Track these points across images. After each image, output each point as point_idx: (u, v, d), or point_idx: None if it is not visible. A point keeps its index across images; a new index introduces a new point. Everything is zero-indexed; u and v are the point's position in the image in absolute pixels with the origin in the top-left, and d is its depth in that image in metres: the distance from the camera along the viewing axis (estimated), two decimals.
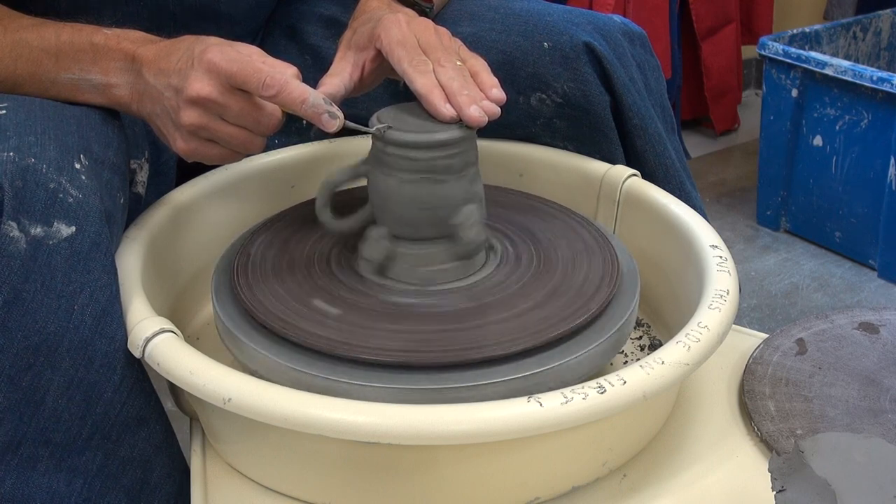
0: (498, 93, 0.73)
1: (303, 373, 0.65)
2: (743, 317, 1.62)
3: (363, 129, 0.71)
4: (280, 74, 0.68)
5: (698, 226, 0.79)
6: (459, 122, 0.71)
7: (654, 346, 0.85)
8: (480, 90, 0.72)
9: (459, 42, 0.77)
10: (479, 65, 0.75)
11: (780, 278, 1.77)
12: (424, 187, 0.71)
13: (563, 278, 0.74)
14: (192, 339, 0.85)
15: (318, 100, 0.69)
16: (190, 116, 0.69)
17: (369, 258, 0.74)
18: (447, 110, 0.71)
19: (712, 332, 0.66)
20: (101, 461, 0.67)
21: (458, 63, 0.73)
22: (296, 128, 0.97)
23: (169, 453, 0.72)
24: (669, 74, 2.09)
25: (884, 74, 1.64)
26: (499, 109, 0.72)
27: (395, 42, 0.74)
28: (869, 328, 0.83)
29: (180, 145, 0.71)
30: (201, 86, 0.68)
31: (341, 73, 0.78)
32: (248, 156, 0.72)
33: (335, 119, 0.69)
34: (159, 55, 0.72)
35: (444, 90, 0.71)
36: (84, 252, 0.64)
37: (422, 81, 0.72)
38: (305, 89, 0.69)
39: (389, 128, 0.70)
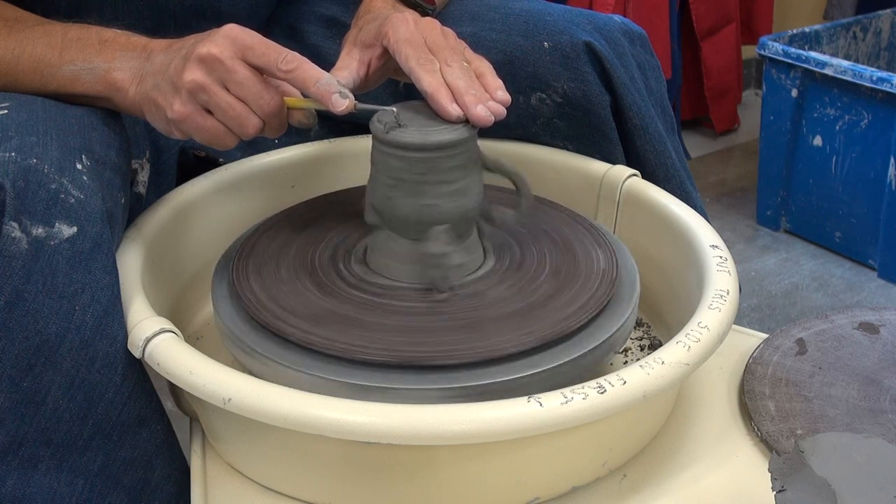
0: (503, 94, 0.73)
1: (302, 373, 0.65)
2: (743, 317, 1.62)
3: (374, 107, 0.71)
4: (298, 56, 0.69)
5: (698, 226, 0.79)
6: (465, 121, 0.71)
7: (654, 346, 0.85)
8: (486, 91, 0.72)
9: (464, 43, 0.77)
10: (485, 66, 0.75)
11: (780, 278, 1.77)
12: (429, 187, 0.71)
13: (562, 278, 0.74)
14: (193, 339, 0.85)
15: (332, 80, 0.70)
16: (193, 73, 0.68)
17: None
18: (454, 109, 0.71)
19: (712, 332, 0.66)
20: (102, 461, 0.67)
21: (465, 64, 0.74)
22: (296, 128, 0.97)
23: (170, 454, 0.72)
24: (669, 74, 2.09)
25: (884, 74, 1.64)
26: (504, 110, 0.72)
27: (402, 40, 0.74)
28: (869, 328, 0.83)
29: (177, 108, 0.69)
30: (213, 46, 0.68)
31: (348, 67, 0.78)
32: (237, 144, 0.72)
33: (345, 99, 0.69)
34: (173, 42, 0.72)
35: (450, 89, 0.71)
36: (85, 252, 0.64)
37: (428, 80, 0.72)
38: (321, 71, 0.70)
39: (398, 116, 0.70)
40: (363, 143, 0.94)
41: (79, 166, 0.66)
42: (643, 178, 0.89)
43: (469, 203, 0.73)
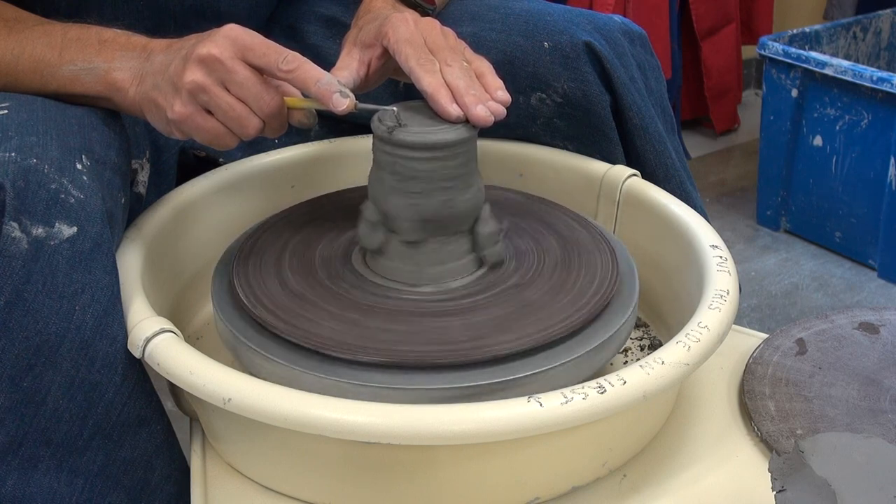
0: (503, 94, 0.73)
1: (302, 373, 0.65)
2: (743, 317, 1.62)
3: (375, 107, 0.71)
4: (298, 56, 0.69)
5: (698, 226, 0.79)
6: (465, 122, 0.71)
7: (654, 346, 0.85)
8: (486, 91, 0.72)
9: (464, 43, 0.77)
10: (485, 66, 0.75)
11: (780, 278, 1.77)
12: (428, 187, 0.71)
13: (562, 278, 0.74)
14: (193, 339, 0.85)
15: (332, 80, 0.70)
16: (194, 73, 0.68)
17: (367, 246, 0.75)
18: (454, 109, 0.71)
19: (712, 332, 0.66)
20: (102, 461, 0.67)
21: (465, 63, 0.74)
22: (296, 128, 0.97)
23: (170, 454, 0.72)
24: (669, 74, 2.09)
25: (884, 74, 1.64)
26: (504, 110, 0.72)
27: (402, 40, 0.74)
28: (869, 328, 0.83)
29: (178, 109, 0.69)
30: (213, 46, 0.68)
31: (349, 67, 0.78)
32: (237, 145, 0.72)
33: (346, 98, 0.69)
34: (173, 41, 0.72)
35: (450, 89, 0.71)
36: (85, 252, 0.64)
37: (428, 80, 0.72)
38: (322, 71, 0.70)
39: (399, 116, 0.70)
40: (363, 143, 0.94)
41: (79, 166, 0.66)
42: (643, 178, 0.89)
43: (472, 201, 0.73)
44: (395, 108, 0.71)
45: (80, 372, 0.64)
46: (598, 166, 0.90)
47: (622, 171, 0.89)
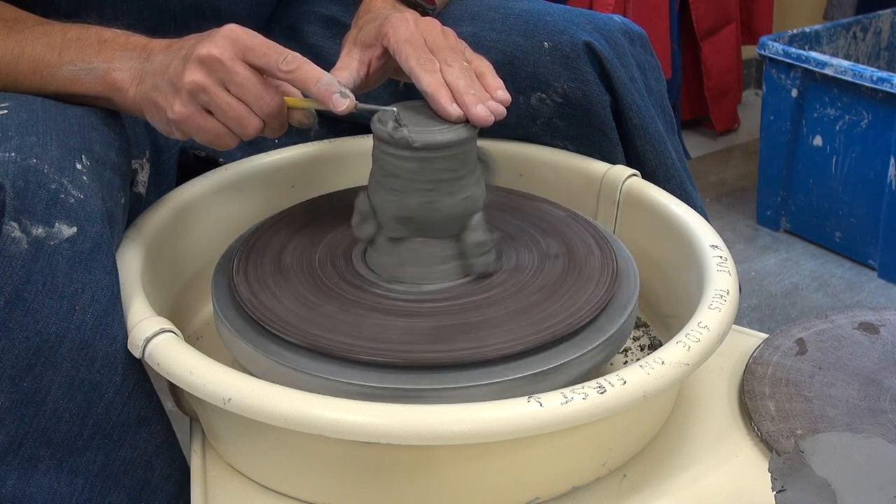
0: (503, 94, 0.73)
1: (302, 373, 0.65)
2: (743, 317, 1.62)
3: (375, 107, 0.71)
4: (298, 56, 0.69)
5: (698, 226, 0.79)
6: (465, 122, 0.71)
7: (654, 346, 0.85)
8: (486, 91, 0.72)
9: (464, 43, 0.77)
10: (485, 66, 0.75)
11: (780, 278, 1.77)
12: (427, 187, 0.71)
13: (562, 278, 0.74)
14: (193, 339, 0.85)
15: (332, 80, 0.70)
16: (194, 74, 0.67)
17: (359, 236, 0.75)
18: (454, 109, 0.71)
19: (712, 332, 0.66)
20: (102, 461, 0.67)
21: (465, 63, 0.74)
22: (296, 128, 0.97)
23: (170, 454, 0.72)
24: (669, 74, 2.09)
25: (884, 74, 1.64)
26: (504, 110, 0.72)
27: (402, 40, 0.74)
28: (869, 328, 0.83)
29: (178, 109, 0.69)
30: (213, 46, 0.68)
31: (349, 67, 0.78)
32: (237, 145, 0.72)
33: (346, 99, 0.69)
34: (173, 41, 0.72)
35: (450, 89, 0.71)
36: (85, 252, 0.64)
37: (428, 80, 0.72)
38: (322, 71, 0.70)
39: (398, 116, 0.70)
40: (363, 143, 0.94)
41: (79, 166, 0.66)
42: (643, 178, 0.89)
43: (469, 202, 0.73)
44: (394, 109, 0.71)
45: (80, 372, 0.64)
46: (598, 166, 0.90)
47: (622, 171, 0.89)
